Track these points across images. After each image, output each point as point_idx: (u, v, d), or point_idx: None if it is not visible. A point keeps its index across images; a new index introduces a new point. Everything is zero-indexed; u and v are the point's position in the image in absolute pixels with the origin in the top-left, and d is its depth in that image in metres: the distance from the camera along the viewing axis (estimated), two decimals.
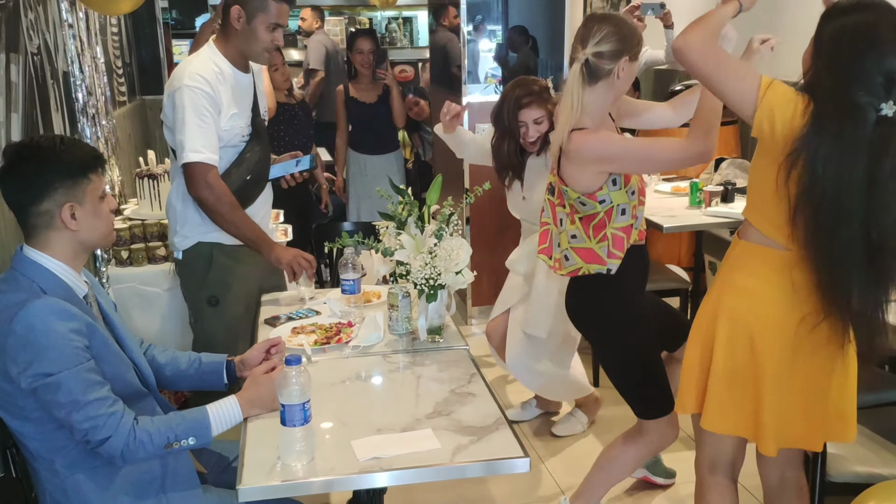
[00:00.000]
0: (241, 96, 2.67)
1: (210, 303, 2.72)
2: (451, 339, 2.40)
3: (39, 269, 1.87)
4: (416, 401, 2.04)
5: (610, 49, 2.24)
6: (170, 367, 2.22)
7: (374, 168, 5.11)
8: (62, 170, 1.86)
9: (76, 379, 1.77)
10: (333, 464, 1.76)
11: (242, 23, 2.56)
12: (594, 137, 2.27)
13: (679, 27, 2.56)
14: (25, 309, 1.77)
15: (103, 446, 1.79)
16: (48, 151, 1.87)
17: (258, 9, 2.55)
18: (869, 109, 1.81)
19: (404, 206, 2.40)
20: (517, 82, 3.20)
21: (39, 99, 2.77)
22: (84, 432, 1.78)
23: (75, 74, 3.31)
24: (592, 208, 2.36)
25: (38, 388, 1.77)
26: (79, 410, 1.77)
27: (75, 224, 1.88)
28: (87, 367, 1.80)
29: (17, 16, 2.58)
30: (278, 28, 2.60)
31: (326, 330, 2.45)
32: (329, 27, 7.58)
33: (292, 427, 1.74)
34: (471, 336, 4.50)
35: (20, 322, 1.75)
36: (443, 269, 2.28)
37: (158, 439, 1.83)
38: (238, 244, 2.70)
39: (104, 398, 1.81)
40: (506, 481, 3.09)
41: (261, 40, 2.58)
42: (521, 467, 1.77)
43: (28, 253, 1.88)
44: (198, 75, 2.53)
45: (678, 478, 3.12)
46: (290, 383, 1.73)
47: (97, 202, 1.92)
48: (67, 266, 1.91)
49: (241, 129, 2.66)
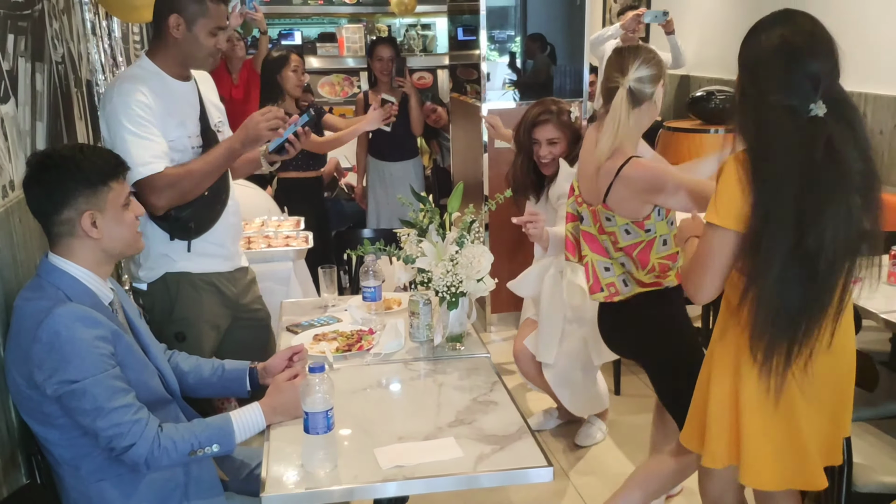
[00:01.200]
0: (180, 106, 2.53)
1: (178, 338, 2.59)
2: (473, 347, 2.40)
3: (65, 277, 1.88)
4: (438, 409, 2.04)
5: (649, 74, 2.36)
6: (193, 375, 2.23)
7: (392, 175, 5.12)
8: (81, 178, 1.88)
9: (101, 386, 1.78)
10: (356, 471, 1.76)
11: (182, 30, 2.45)
12: (653, 168, 2.35)
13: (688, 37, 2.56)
14: (51, 316, 1.78)
15: (128, 453, 1.80)
16: (69, 161, 1.89)
17: (198, 14, 2.45)
18: (801, 111, 1.82)
19: (425, 213, 2.39)
20: (539, 102, 3.23)
21: (64, 107, 2.79)
22: (108, 439, 1.79)
23: (99, 83, 3.34)
24: (637, 237, 2.39)
25: (63, 395, 1.78)
26: (103, 417, 1.78)
27: (97, 232, 1.89)
28: (113, 374, 1.81)
29: (42, 25, 2.61)
30: (220, 31, 2.51)
31: (348, 337, 2.45)
32: (348, 34, 7.60)
33: (315, 435, 1.74)
34: (490, 343, 4.49)
35: (46, 329, 1.77)
36: (464, 277, 2.28)
37: (183, 446, 1.84)
38: (205, 271, 2.59)
39: (129, 405, 1.81)
40: (527, 489, 3.08)
41: (204, 46, 2.49)
42: (544, 477, 1.77)
43: (53, 260, 1.90)
44: (126, 86, 2.43)
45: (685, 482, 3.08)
46: (314, 391, 1.74)
47: (119, 210, 1.93)
48: (92, 273, 1.92)
49: (189, 142, 2.52)
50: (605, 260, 2.51)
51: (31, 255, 2.22)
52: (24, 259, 2.16)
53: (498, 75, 5.42)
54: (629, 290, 2.50)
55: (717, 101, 4.66)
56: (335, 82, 7.54)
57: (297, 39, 7.57)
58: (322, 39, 7.69)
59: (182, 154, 2.48)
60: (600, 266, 2.51)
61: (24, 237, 2.18)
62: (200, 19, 2.46)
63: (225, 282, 2.65)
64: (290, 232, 3.54)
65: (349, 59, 7.54)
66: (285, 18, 7.87)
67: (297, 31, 7.63)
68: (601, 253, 2.51)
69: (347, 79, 7.58)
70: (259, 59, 5.40)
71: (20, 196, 2.19)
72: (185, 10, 2.45)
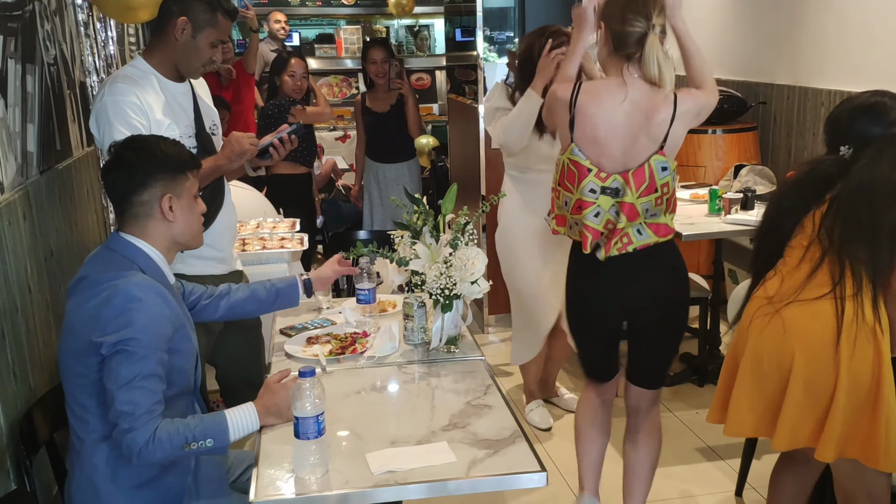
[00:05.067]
0: (174, 107, 2.51)
1: None
2: (467, 350, 2.38)
3: (138, 252, 1.96)
4: (432, 413, 2.02)
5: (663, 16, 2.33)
6: (251, 302, 2.39)
7: (387, 177, 5.12)
8: (164, 163, 1.97)
9: (147, 361, 1.82)
10: (348, 477, 1.74)
11: (186, 35, 2.44)
12: (693, 92, 2.40)
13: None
14: (128, 282, 1.86)
15: (127, 436, 1.79)
16: (153, 146, 2.00)
17: (207, 23, 2.44)
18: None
19: (419, 215, 2.37)
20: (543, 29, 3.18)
21: (56, 109, 2.77)
22: (119, 414, 1.79)
23: (93, 85, 3.32)
24: (670, 174, 2.36)
25: (114, 354, 1.80)
26: (129, 390, 1.79)
27: (172, 216, 1.97)
28: (162, 358, 1.86)
29: (34, 26, 2.59)
30: (220, 44, 2.51)
31: (341, 340, 2.43)
32: (346, 36, 7.59)
33: (306, 440, 1.72)
34: (487, 345, 4.47)
35: (121, 293, 1.84)
36: (458, 279, 2.26)
37: (177, 439, 1.82)
38: (199, 274, 2.56)
39: (155, 392, 1.83)
40: (522, 492, 3.05)
41: (202, 55, 2.48)
42: (537, 482, 1.75)
43: (126, 237, 1.96)
44: (118, 86, 2.40)
45: (699, 489, 3.07)
46: (304, 396, 1.72)
47: (192, 200, 2.03)
48: (162, 256, 2.00)
49: (181, 142, 2.45)
50: (636, 224, 2.40)
51: (20, 259, 2.21)
52: (12, 262, 2.15)
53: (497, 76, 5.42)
54: (643, 239, 2.40)
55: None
56: (333, 83, 7.54)
57: (295, 41, 7.55)
58: (320, 41, 7.68)
59: None
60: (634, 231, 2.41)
61: (13, 241, 2.16)
62: (208, 28, 2.46)
63: (218, 284, 2.63)
64: (285, 234, 3.52)
65: (347, 61, 7.54)
66: None
67: (296, 33, 7.62)
68: (636, 218, 2.38)
69: (346, 80, 7.57)
70: (249, 59, 5.39)
71: (10, 199, 2.17)
72: (196, 17, 2.44)
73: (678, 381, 3.91)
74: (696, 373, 3.93)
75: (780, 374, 2.17)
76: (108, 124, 2.37)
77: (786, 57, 4.48)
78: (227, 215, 2.67)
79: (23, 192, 2.28)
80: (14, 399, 2.07)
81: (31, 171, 2.42)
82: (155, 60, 2.50)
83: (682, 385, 3.90)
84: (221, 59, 2.65)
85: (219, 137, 2.70)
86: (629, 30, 2.29)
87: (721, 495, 3.04)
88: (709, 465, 3.23)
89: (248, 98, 5.49)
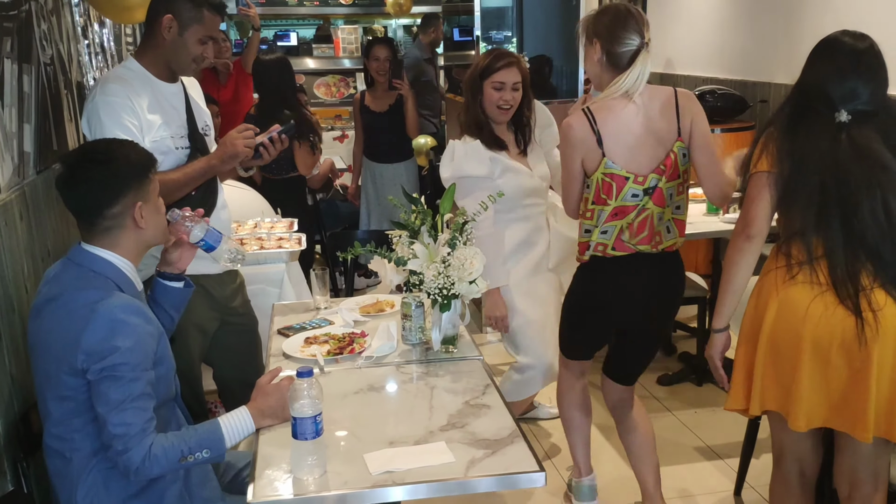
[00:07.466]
0: (166, 107, 2.49)
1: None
2: (466, 350, 2.37)
3: (107, 265, 1.91)
4: (430, 413, 2.01)
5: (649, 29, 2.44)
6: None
7: (383, 177, 5.11)
8: (131, 170, 1.91)
9: (138, 383, 1.79)
10: (346, 478, 1.73)
11: (173, 33, 2.44)
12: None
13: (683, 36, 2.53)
14: (109, 304, 1.81)
15: (123, 456, 1.78)
16: (117, 155, 1.92)
17: (193, 20, 2.43)
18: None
19: (417, 214, 2.37)
20: (490, 50, 3.21)
21: (53, 109, 2.77)
22: (113, 437, 1.78)
23: (89, 84, 3.32)
24: (688, 162, 2.48)
25: (104, 379, 1.77)
26: (121, 413, 1.77)
27: (143, 222, 1.92)
28: (149, 376, 1.83)
29: (30, 26, 2.58)
30: (209, 41, 2.50)
31: (339, 340, 2.42)
32: (344, 35, 7.59)
33: (304, 440, 1.72)
34: (486, 345, 4.47)
35: (103, 317, 1.79)
36: (456, 279, 2.26)
37: (173, 454, 1.81)
38: (193, 273, 2.48)
39: (146, 410, 1.81)
40: (521, 492, 3.05)
41: (191, 52, 2.47)
42: (536, 481, 1.74)
43: (94, 251, 1.91)
44: (110, 86, 2.39)
45: (698, 488, 3.07)
46: (302, 396, 1.71)
47: (157, 199, 1.99)
48: (131, 263, 1.96)
49: (173, 142, 2.48)
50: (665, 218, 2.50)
51: (17, 259, 2.20)
52: (9, 262, 2.14)
53: None
54: (670, 238, 2.53)
55: (711, 101, 4.63)
56: (331, 83, 7.53)
57: (292, 40, 7.55)
58: (318, 40, 7.67)
59: (165, 156, 2.44)
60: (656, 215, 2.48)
61: (10, 241, 2.16)
62: (194, 25, 2.45)
63: (214, 284, 2.62)
64: (282, 234, 3.51)
65: (345, 60, 7.54)
66: (281, 20, 7.86)
67: (293, 32, 7.62)
68: (663, 204, 2.48)
69: (343, 80, 7.56)
70: (248, 58, 5.38)
71: (7, 199, 2.17)
72: (181, 14, 2.43)
73: (677, 380, 3.90)
74: (695, 372, 3.92)
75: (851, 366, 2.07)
76: (99, 125, 2.36)
77: (784, 56, 4.48)
78: (221, 215, 2.67)
79: (19, 193, 2.28)
80: (11, 400, 2.07)
81: (28, 172, 2.42)
82: (146, 61, 2.50)
83: (681, 385, 3.89)
84: (213, 55, 2.62)
85: (211, 138, 2.69)
86: (625, 50, 2.39)
87: (720, 495, 3.04)
88: (707, 465, 3.23)
89: (247, 97, 5.48)
